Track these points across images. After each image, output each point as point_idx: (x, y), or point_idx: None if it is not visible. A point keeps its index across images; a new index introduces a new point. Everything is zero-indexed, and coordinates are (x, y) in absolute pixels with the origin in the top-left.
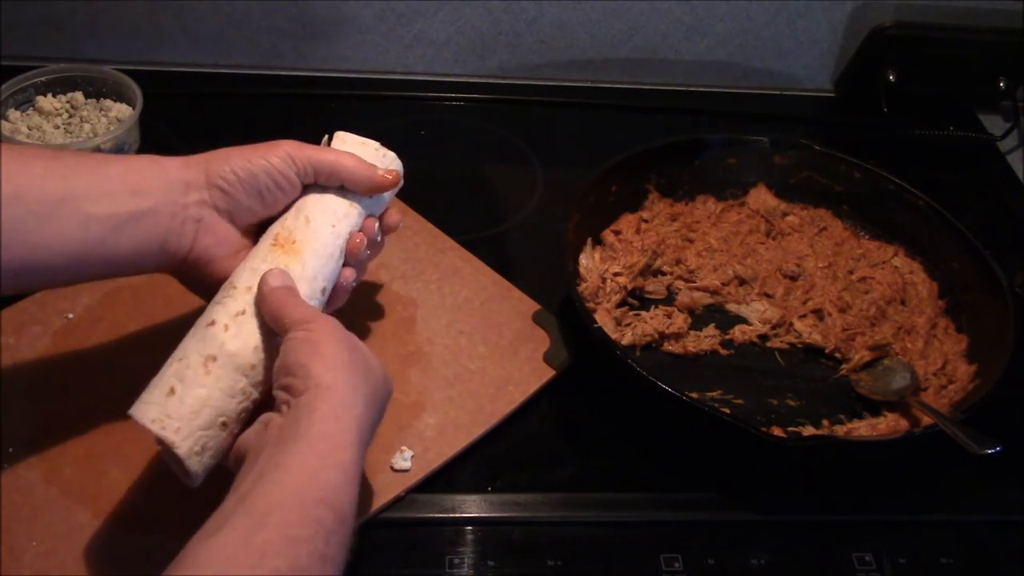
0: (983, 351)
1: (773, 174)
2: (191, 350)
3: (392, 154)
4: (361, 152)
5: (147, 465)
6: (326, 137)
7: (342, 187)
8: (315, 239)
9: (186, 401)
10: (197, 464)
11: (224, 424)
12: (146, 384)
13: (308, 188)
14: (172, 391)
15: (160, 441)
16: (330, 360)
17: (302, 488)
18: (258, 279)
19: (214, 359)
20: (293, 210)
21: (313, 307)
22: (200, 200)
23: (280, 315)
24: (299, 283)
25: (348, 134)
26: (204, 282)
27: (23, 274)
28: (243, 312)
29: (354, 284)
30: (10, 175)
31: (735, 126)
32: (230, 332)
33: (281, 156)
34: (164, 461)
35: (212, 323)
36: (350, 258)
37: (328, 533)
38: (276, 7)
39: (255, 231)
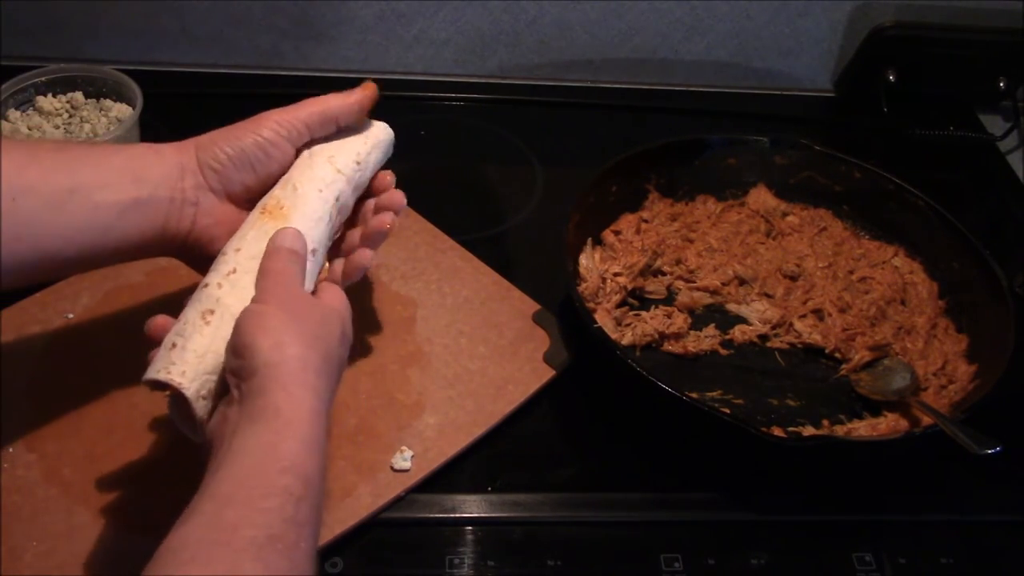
0: (983, 351)
1: (773, 174)
2: (189, 311)
3: (381, 123)
4: (387, 147)
5: (147, 465)
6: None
7: (337, 134)
8: (303, 204)
9: (188, 348)
10: (203, 409)
11: None
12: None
13: (297, 153)
14: (174, 345)
15: (168, 389)
16: (275, 334)
17: (262, 462)
18: (246, 243)
19: (211, 312)
20: (281, 181)
21: (290, 281)
22: (196, 184)
23: (260, 276)
24: None
25: (387, 130)
26: (208, 261)
27: (37, 265)
28: (234, 271)
29: (371, 262)
30: (21, 168)
31: (735, 126)
32: (224, 289)
33: (271, 127)
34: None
35: (206, 285)
36: (381, 198)
37: (297, 499)
38: (276, 7)
39: (251, 203)
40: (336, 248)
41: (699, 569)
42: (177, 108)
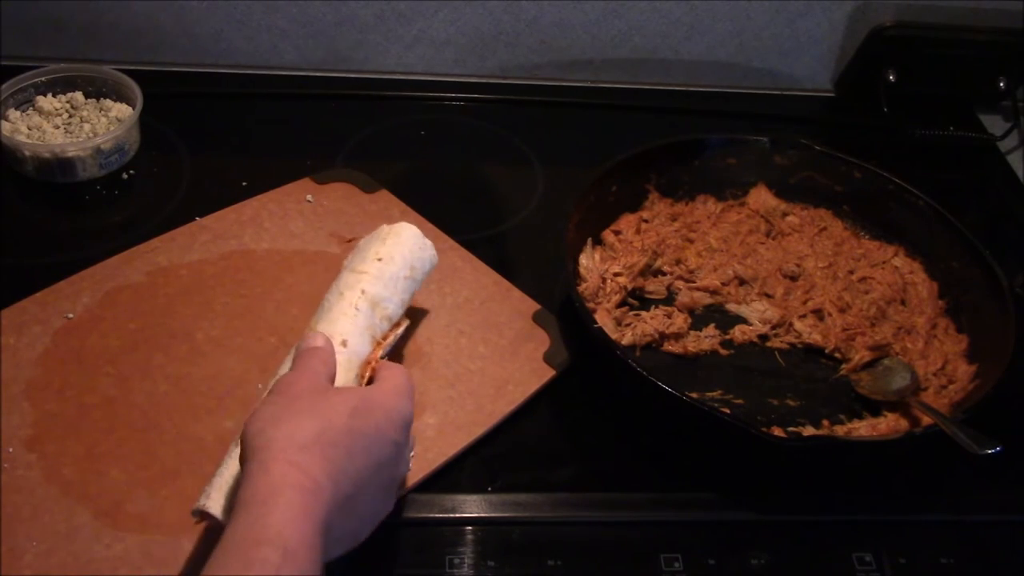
0: (983, 351)
1: (773, 174)
2: (231, 446)
3: (428, 244)
4: (410, 239)
5: (147, 465)
6: (384, 227)
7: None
8: (326, 311)
9: (222, 474)
10: None
11: None
12: (145, 385)
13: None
14: (215, 476)
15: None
16: (262, 420)
17: (240, 541)
18: (281, 372)
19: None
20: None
21: (298, 374)
22: None
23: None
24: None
25: (409, 227)
26: None
27: None
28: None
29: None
30: None
31: (735, 126)
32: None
33: None
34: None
35: None
36: None
37: (275, 568)
38: (276, 7)
39: None
40: None
41: (699, 569)
42: (177, 108)
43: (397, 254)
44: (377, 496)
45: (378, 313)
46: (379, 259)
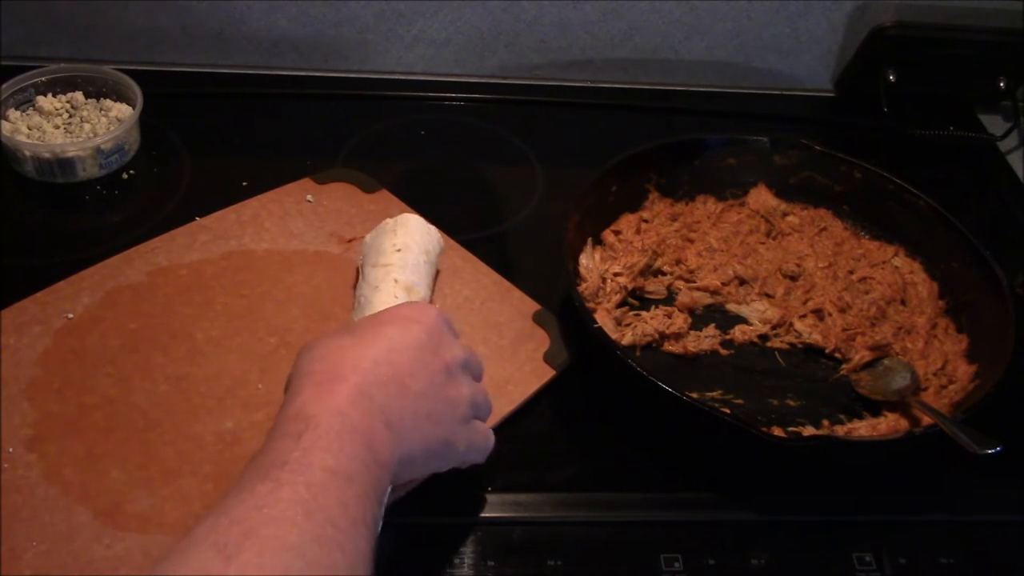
0: (983, 351)
1: (773, 174)
2: None
3: (433, 229)
4: (418, 226)
5: (147, 465)
6: (388, 221)
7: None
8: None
9: None
10: None
11: None
12: (145, 385)
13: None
14: None
15: None
16: (306, 347)
17: (275, 428)
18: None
19: None
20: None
21: None
22: None
23: None
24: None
25: (412, 216)
26: None
27: None
28: None
29: None
30: None
31: (735, 126)
32: None
33: None
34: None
35: None
36: None
37: (297, 434)
38: (276, 7)
39: None
40: None
41: (699, 569)
42: (177, 108)
43: (411, 242)
44: (428, 378)
45: (413, 297)
46: (398, 250)
